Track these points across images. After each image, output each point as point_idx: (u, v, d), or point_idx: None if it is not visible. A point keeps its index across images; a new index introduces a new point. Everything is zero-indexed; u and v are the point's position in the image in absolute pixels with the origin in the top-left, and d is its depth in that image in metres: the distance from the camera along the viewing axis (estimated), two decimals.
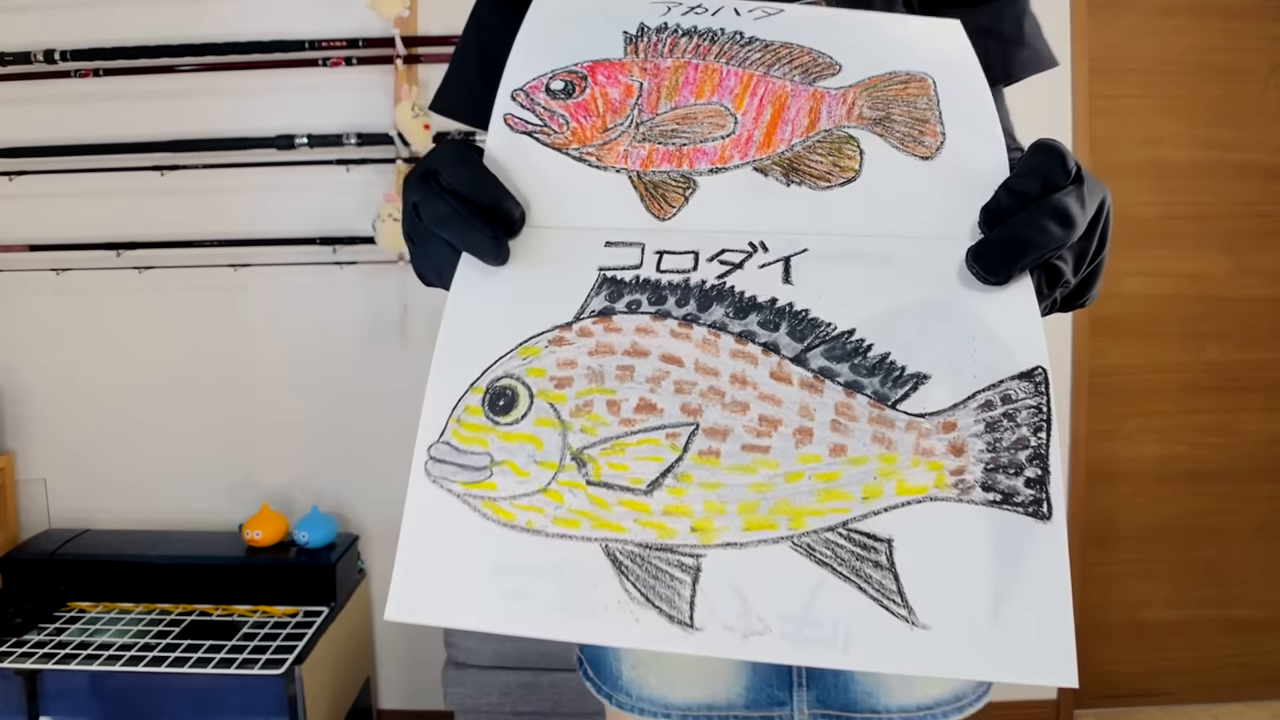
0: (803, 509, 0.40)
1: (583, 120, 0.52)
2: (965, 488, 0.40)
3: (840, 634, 0.38)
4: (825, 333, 0.43)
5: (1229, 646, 2.20)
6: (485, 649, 1.52)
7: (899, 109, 0.50)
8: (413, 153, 1.90)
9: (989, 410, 0.41)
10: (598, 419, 0.42)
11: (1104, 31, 1.99)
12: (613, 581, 0.40)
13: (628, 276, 0.46)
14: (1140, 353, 2.10)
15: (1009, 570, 0.40)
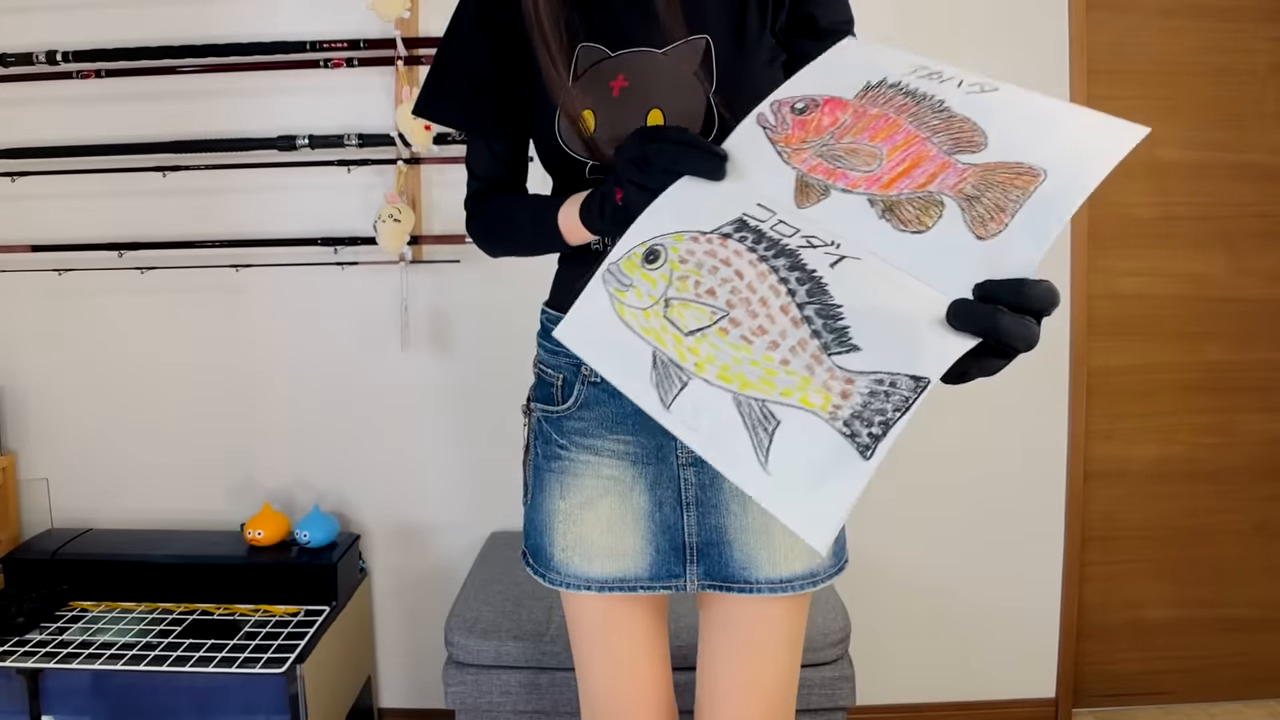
0: (749, 382, 0.65)
1: (797, 131, 0.77)
2: (834, 417, 0.61)
3: (727, 449, 0.64)
4: (825, 299, 0.65)
5: (1227, 645, 2.21)
6: (486, 648, 1.53)
7: (991, 194, 0.64)
8: (413, 153, 1.91)
9: (879, 385, 0.60)
10: (685, 286, 0.70)
11: (1102, 32, 1.99)
12: (648, 369, 0.69)
13: (752, 224, 0.71)
14: (1138, 353, 2.10)
15: (830, 472, 0.60)
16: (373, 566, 2.08)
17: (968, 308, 0.62)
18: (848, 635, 1.54)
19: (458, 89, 1.08)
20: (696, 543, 1.05)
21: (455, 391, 2.03)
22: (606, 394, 1.04)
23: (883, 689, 2.12)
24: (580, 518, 1.06)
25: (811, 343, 0.63)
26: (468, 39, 1.06)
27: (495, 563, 1.84)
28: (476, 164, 1.10)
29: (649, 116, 0.98)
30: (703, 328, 0.67)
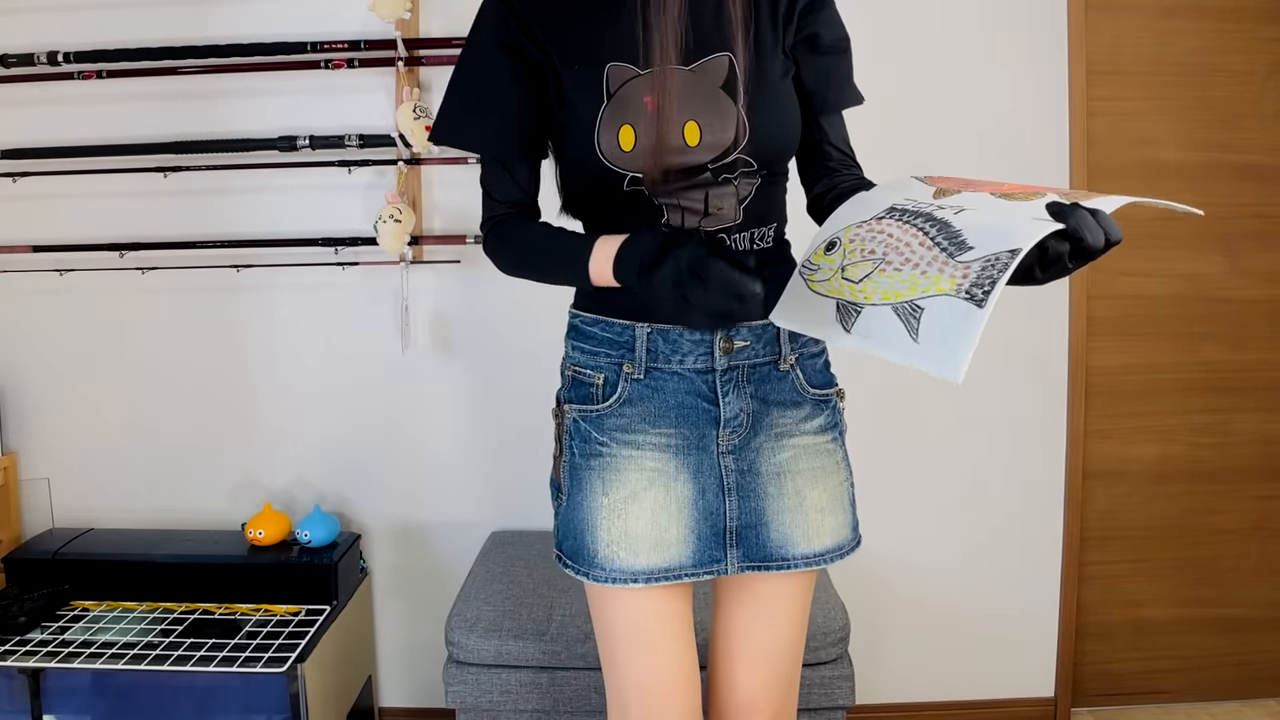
0: (901, 294, 0.85)
1: (939, 180, 0.99)
2: (959, 290, 0.80)
3: (889, 341, 0.84)
4: (949, 229, 0.86)
5: (1225, 645, 2.21)
6: (487, 647, 1.53)
7: (1076, 194, 0.88)
8: (414, 154, 1.91)
9: (987, 262, 0.80)
10: (853, 255, 0.91)
11: (1101, 33, 2.00)
12: (833, 315, 0.91)
13: (899, 207, 0.93)
14: (1137, 353, 2.11)
15: (958, 324, 0.79)
16: (373, 566, 2.09)
17: (1060, 205, 0.82)
18: (847, 634, 1.55)
19: (480, 113, 1.10)
20: (736, 526, 1.10)
21: (456, 391, 2.03)
22: (650, 389, 1.09)
23: (882, 688, 2.12)
24: (625, 511, 1.08)
25: (940, 255, 0.84)
26: (488, 62, 1.09)
27: (496, 562, 1.84)
28: (497, 189, 1.12)
29: (685, 130, 1.04)
30: (868, 275, 0.89)
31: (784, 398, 1.13)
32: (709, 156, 1.05)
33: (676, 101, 1.04)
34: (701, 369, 1.09)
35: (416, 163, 1.93)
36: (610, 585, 1.08)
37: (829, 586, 1.69)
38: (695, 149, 1.04)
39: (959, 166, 1.97)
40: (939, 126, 1.97)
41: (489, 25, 1.09)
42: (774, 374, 1.12)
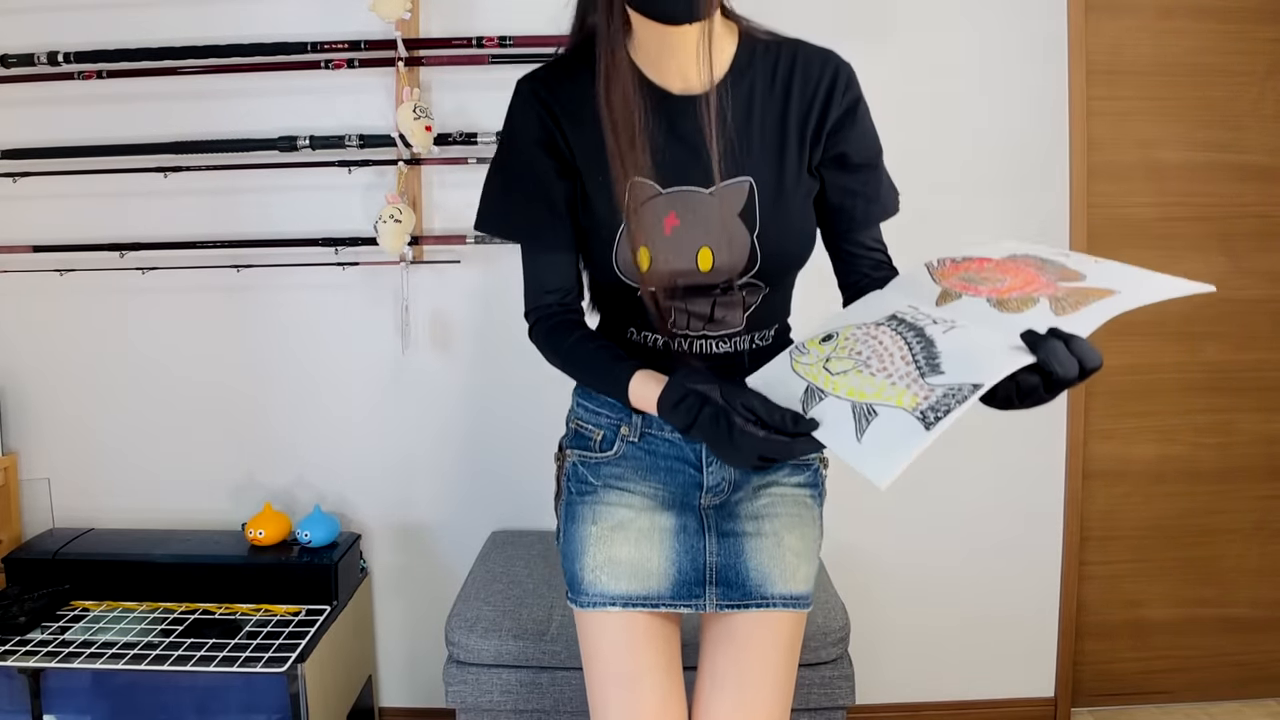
0: (865, 394, 0.87)
1: (951, 269, 1.01)
2: (915, 409, 0.82)
3: (836, 433, 0.87)
4: (931, 349, 0.87)
5: (1226, 645, 2.21)
6: (487, 647, 1.53)
7: (1074, 298, 0.87)
8: (414, 154, 1.91)
9: (950, 389, 0.81)
10: (842, 350, 0.94)
11: (1101, 34, 2.00)
12: (800, 394, 0.93)
13: (899, 316, 0.94)
14: (1138, 353, 2.11)
15: (901, 439, 0.80)
16: (373, 566, 2.09)
17: (1033, 335, 0.80)
18: (847, 634, 1.55)
19: (527, 205, 1.12)
20: (716, 563, 1.15)
21: (456, 391, 2.03)
22: (642, 450, 1.17)
23: (882, 688, 2.12)
24: (610, 538, 1.15)
25: (913, 373, 0.86)
26: (534, 158, 1.11)
27: (496, 562, 1.84)
28: (543, 280, 1.16)
29: (699, 255, 1.08)
30: (844, 371, 0.93)
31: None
32: (719, 279, 1.09)
33: (692, 226, 1.07)
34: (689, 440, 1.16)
35: (416, 163, 1.93)
36: (592, 610, 1.13)
37: (829, 586, 1.69)
38: (707, 273, 1.08)
39: (959, 166, 1.98)
40: (939, 127, 1.97)
41: (526, 122, 1.11)
42: None
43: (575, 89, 1.10)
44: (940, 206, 1.99)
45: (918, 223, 1.99)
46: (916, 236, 2.00)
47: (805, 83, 1.11)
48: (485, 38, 1.87)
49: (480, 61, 1.89)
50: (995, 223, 2.00)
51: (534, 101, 1.10)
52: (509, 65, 1.89)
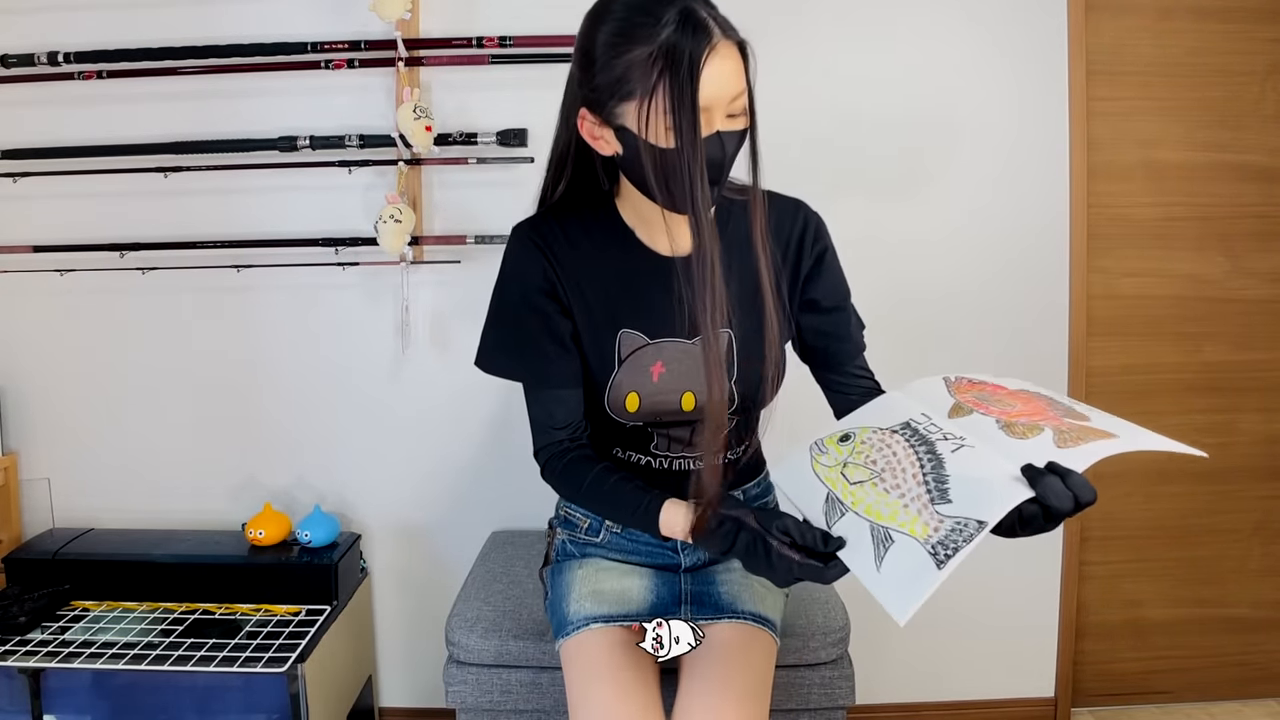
0: (882, 516, 0.94)
1: (968, 386, 1.08)
2: (928, 541, 0.88)
3: (858, 555, 0.94)
4: (940, 471, 0.93)
5: (1226, 645, 2.21)
6: (487, 647, 1.53)
7: (1076, 433, 0.93)
8: (414, 154, 1.91)
9: (958, 524, 0.87)
10: (858, 456, 1.02)
11: (1101, 33, 2.00)
12: (822, 502, 1.01)
13: (913, 426, 1.01)
14: (1137, 353, 2.11)
15: (917, 575, 0.86)
16: (373, 566, 2.09)
17: (1032, 470, 0.86)
18: (847, 634, 1.54)
19: (533, 344, 1.19)
20: (690, 590, 1.28)
21: (456, 391, 2.03)
22: (624, 538, 1.32)
23: (882, 688, 2.12)
24: (596, 578, 1.28)
25: (924, 496, 0.92)
26: (537, 299, 1.18)
27: (496, 562, 1.84)
28: (552, 416, 1.22)
29: (683, 399, 1.19)
30: (862, 481, 0.99)
31: None
32: (700, 417, 1.18)
33: (677, 373, 1.18)
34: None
35: (417, 163, 1.94)
36: (575, 634, 1.21)
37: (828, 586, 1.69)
38: (690, 413, 1.20)
39: (959, 167, 1.98)
40: (939, 127, 1.97)
41: (528, 265, 1.18)
42: None
43: (567, 243, 1.18)
44: (940, 206, 1.99)
45: (917, 224, 2.00)
46: (916, 238, 2.01)
47: (778, 235, 1.20)
48: (485, 38, 1.87)
49: (480, 61, 1.89)
50: (995, 222, 2.00)
51: (533, 247, 1.17)
52: (509, 65, 1.90)
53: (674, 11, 0.98)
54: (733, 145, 1.05)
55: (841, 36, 1.96)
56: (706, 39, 0.98)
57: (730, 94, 1.01)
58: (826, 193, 1.99)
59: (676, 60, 0.96)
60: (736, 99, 1.03)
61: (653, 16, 0.98)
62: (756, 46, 1.05)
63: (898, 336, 1.99)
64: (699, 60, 0.97)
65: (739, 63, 1.03)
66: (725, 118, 1.03)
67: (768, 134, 1.10)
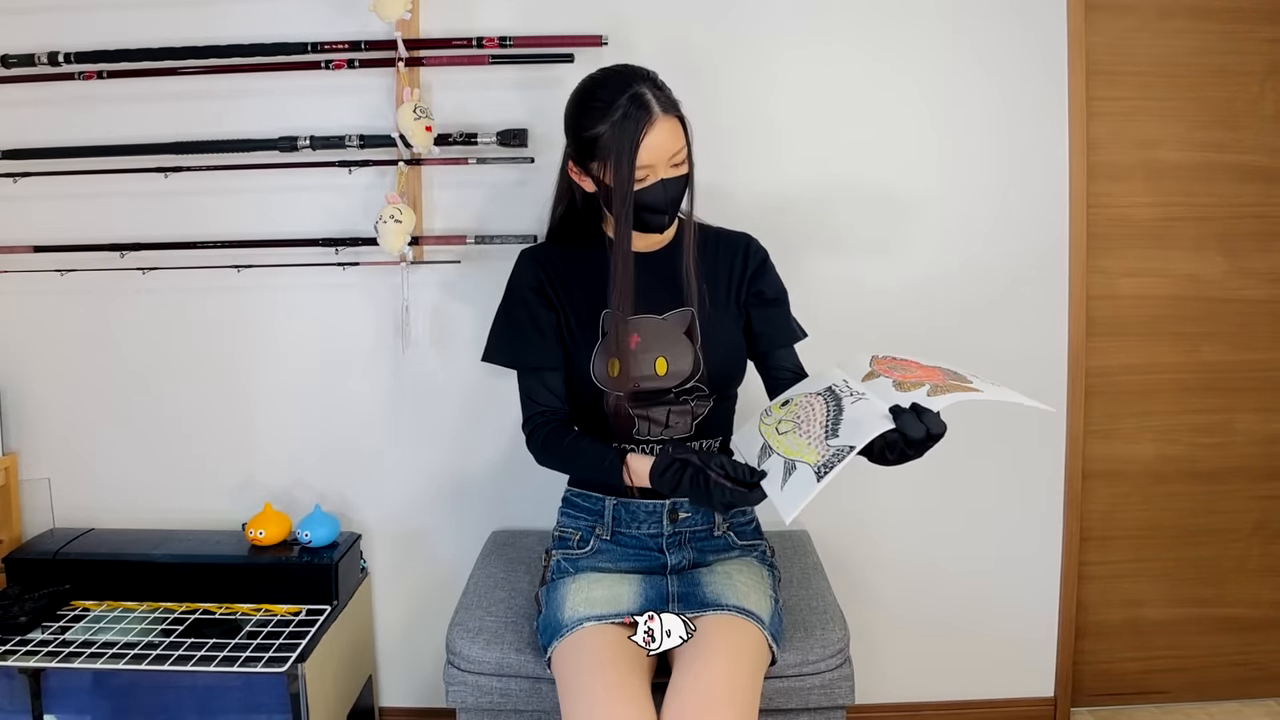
0: (792, 452, 1.20)
1: (884, 361, 1.33)
2: (815, 464, 1.13)
3: (771, 482, 1.20)
4: (839, 416, 1.20)
5: (1225, 645, 2.22)
6: (489, 658, 1.52)
7: (948, 386, 1.18)
8: (414, 154, 1.91)
9: (836, 450, 1.13)
10: (790, 414, 1.28)
11: (1101, 33, 2.00)
12: (758, 449, 1.29)
13: (833, 389, 1.27)
14: (1137, 353, 2.11)
15: (804, 487, 1.12)
16: (374, 566, 2.09)
17: (897, 409, 1.15)
18: (846, 644, 1.54)
19: (525, 338, 1.49)
20: (676, 592, 1.42)
21: (456, 391, 2.04)
22: (613, 545, 1.50)
23: (882, 688, 2.13)
24: (588, 588, 1.42)
25: (822, 435, 1.18)
26: (530, 300, 1.50)
27: (497, 565, 1.84)
28: (538, 395, 1.51)
29: (656, 363, 1.45)
30: (788, 431, 1.24)
31: (718, 548, 1.52)
32: (673, 383, 1.45)
33: (651, 343, 1.45)
34: (653, 534, 1.49)
35: (417, 163, 1.94)
36: (568, 635, 1.33)
37: (828, 594, 1.69)
38: (663, 377, 1.44)
39: (958, 166, 1.98)
40: (938, 127, 1.98)
41: (526, 276, 1.52)
42: (710, 537, 1.52)
43: (563, 257, 1.53)
44: (939, 206, 1.99)
45: (917, 224, 2.00)
46: (916, 237, 2.01)
47: (728, 248, 1.56)
48: (485, 38, 1.87)
49: (480, 62, 1.89)
50: (995, 222, 2.00)
51: (533, 263, 1.52)
52: (509, 65, 1.90)
53: (625, 98, 1.32)
54: (675, 188, 1.39)
55: (840, 36, 1.96)
56: (647, 117, 1.32)
57: (669, 152, 1.35)
58: (826, 189, 2.00)
59: (623, 134, 1.32)
60: (676, 154, 1.37)
61: (611, 103, 1.33)
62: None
63: (898, 333, 2.00)
64: (639, 136, 1.31)
65: (677, 128, 1.36)
66: (670, 167, 1.36)
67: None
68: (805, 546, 1.93)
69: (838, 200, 1.98)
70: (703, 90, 1.94)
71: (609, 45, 1.86)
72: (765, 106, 1.95)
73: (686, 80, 1.92)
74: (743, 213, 1.84)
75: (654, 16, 1.92)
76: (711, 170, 1.92)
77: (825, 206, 1.97)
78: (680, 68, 1.92)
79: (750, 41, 1.94)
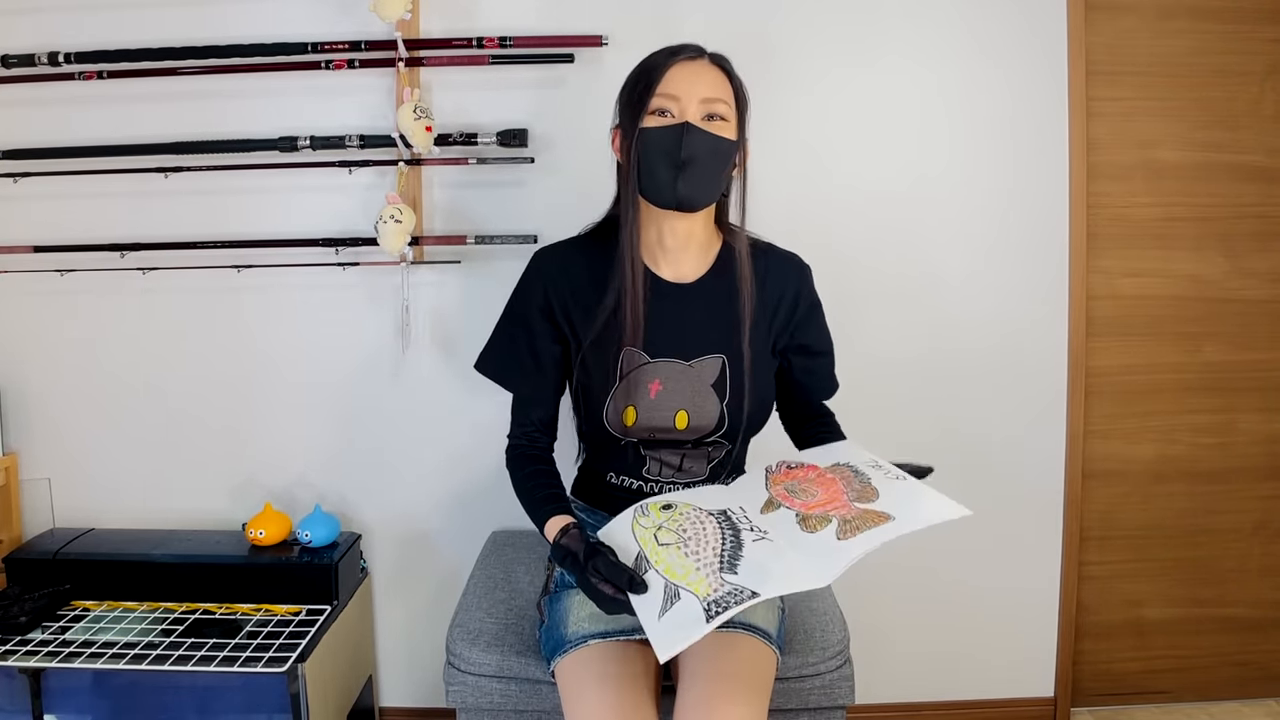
0: (677, 575, 1.09)
1: (783, 474, 1.25)
2: (705, 599, 1.06)
3: (648, 607, 1.10)
4: (738, 551, 1.11)
5: (1225, 645, 2.22)
6: (489, 661, 1.52)
7: (858, 521, 1.09)
8: (414, 154, 1.91)
9: (735, 590, 1.05)
10: (673, 525, 1.18)
11: (1101, 33, 2.00)
12: (634, 557, 1.15)
13: (728, 515, 1.19)
14: (1137, 353, 2.11)
15: (689, 625, 1.04)
16: (374, 566, 2.09)
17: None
18: (847, 646, 1.54)
19: (521, 362, 1.37)
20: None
21: (456, 391, 2.03)
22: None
23: (882, 687, 2.13)
24: (590, 603, 1.29)
25: (716, 564, 1.09)
26: (532, 321, 1.36)
27: (497, 566, 1.84)
28: (524, 417, 1.40)
29: (677, 418, 1.31)
30: (669, 544, 1.14)
31: None
32: (693, 437, 1.33)
33: (673, 392, 1.30)
34: None
35: (417, 163, 1.94)
36: (573, 651, 1.28)
37: (827, 595, 1.68)
38: (682, 431, 1.32)
39: (958, 166, 1.98)
40: (938, 127, 1.98)
41: (532, 291, 1.36)
42: None
43: (583, 269, 1.33)
44: (939, 206, 1.99)
45: (918, 224, 2.00)
46: (916, 237, 2.01)
47: (777, 282, 1.36)
48: (485, 38, 1.87)
49: (480, 62, 1.89)
50: (994, 222, 2.00)
51: (541, 276, 1.35)
52: (509, 65, 1.90)
53: (666, 49, 1.23)
54: (703, 142, 1.19)
55: (839, 36, 1.96)
56: (680, 53, 1.20)
57: (702, 92, 1.19)
58: (827, 189, 2.00)
59: (653, 59, 1.21)
60: (714, 101, 1.20)
61: (654, 57, 1.23)
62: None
63: (897, 333, 2.00)
64: (671, 60, 1.18)
65: (718, 74, 1.22)
66: (702, 117, 1.19)
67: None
68: None
69: (838, 200, 1.98)
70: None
71: (609, 45, 1.87)
72: (766, 106, 1.95)
73: None
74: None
75: (655, 16, 1.92)
76: None
77: (826, 207, 1.97)
78: None
79: (751, 42, 1.93)
